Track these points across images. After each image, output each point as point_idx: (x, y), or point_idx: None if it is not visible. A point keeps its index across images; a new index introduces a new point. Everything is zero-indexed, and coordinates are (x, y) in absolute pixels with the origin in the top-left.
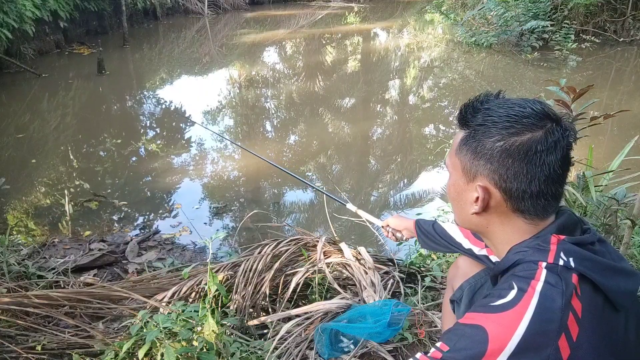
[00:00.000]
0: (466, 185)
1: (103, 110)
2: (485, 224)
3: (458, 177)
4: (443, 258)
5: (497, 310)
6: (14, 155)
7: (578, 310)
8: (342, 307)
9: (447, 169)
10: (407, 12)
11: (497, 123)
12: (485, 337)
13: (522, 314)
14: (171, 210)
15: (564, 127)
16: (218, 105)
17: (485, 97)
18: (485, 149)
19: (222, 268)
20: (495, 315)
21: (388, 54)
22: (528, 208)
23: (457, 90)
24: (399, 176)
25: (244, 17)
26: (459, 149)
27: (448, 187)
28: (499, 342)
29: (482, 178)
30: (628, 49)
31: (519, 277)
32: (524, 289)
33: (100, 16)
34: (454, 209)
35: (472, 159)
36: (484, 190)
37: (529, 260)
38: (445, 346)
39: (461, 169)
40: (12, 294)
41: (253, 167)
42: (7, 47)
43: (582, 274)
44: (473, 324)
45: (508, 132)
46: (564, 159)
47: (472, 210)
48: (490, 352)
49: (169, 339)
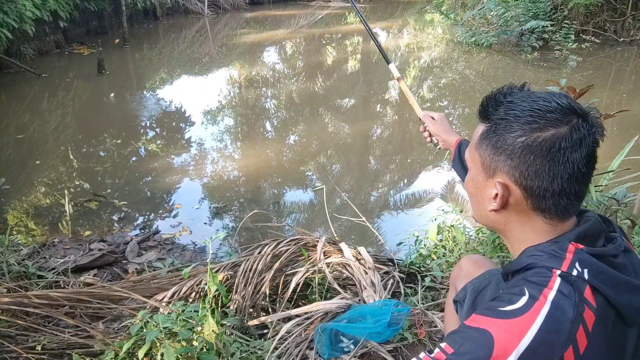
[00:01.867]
0: (485, 181)
1: (103, 110)
2: (503, 221)
3: (477, 172)
4: (443, 258)
5: (506, 316)
6: (14, 156)
7: (589, 324)
8: (342, 307)
9: (467, 164)
10: (407, 12)
11: (519, 117)
12: (491, 343)
13: (530, 322)
14: (171, 210)
15: (591, 123)
16: (218, 105)
17: (509, 89)
18: (506, 144)
19: (222, 268)
20: (503, 322)
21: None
22: (549, 207)
23: (457, 90)
24: (399, 176)
25: (244, 17)
26: (479, 143)
27: (466, 181)
28: (504, 349)
29: (501, 174)
30: (628, 49)
31: (531, 283)
32: (536, 296)
33: (100, 16)
34: (472, 204)
35: (492, 154)
36: (504, 187)
37: (543, 266)
38: (449, 348)
39: (481, 164)
40: (12, 294)
41: (253, 167)
42: (7, 47)
43: (595, 287)
44: (479, 328)
45: (531, 128)
46: (589, 156)
47: (491, 207)
48: (495, 358)
49: (169, 339)
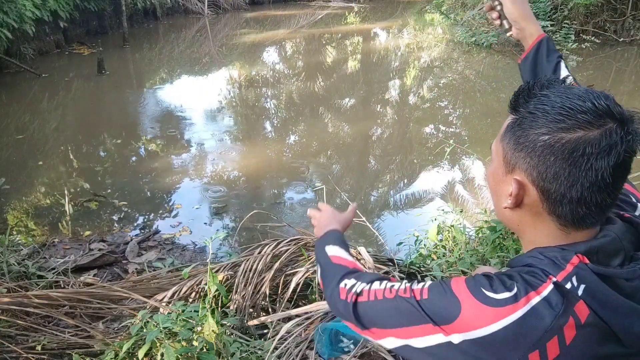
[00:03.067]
0: (504, 176)
1: (103, 110)
2: (516, 220)
3: (498, 166)
4: (443, 258)
5: (483, 300)
6: (14, 156)
7: (568, 338)
8: None
9: (491, 155)
10: (407, 12)
11: (547, 114)
12: (456, 313)
13: (500, 317)
14: (171, 210)
15: (628, 130)
16: (218, 105)
17: (548, 81)
18: (528, 141)
19: (222, 268)
20: (477, 303)
21: (388, 54)
22: (565, 214)
23: (457, 90)
24: (399, 176)
25: (244, 17)
26: (504, 135)
27: (487, 174)
28: (463, 326)
29: (520, 172)
30: (628, 49)
31: (523, 281)
32: (518, 297)
33: (100, 16)
34: (492, 198)
35: (513, 149)
36: (520, 185)
37: (540, 269)
38: (426, 294)
39: (502, 157)
40: (12, 294)
41: (253, 167)
42: (7, 47)
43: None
44: (456, 295)
45: (557, 127)
46: (618, 166)
47: (504, 204)
48: (452, 327)
49: (169, 339)
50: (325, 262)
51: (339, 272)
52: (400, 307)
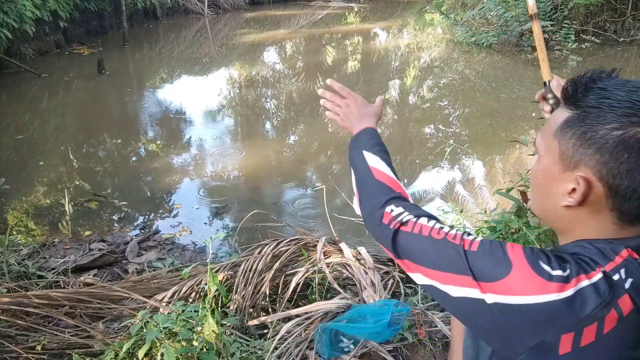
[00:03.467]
0: (561, 173)
1: (103, 110)
2: (568, 218)
3: (552, 163)
4: None
5: (537, 270)
6: (14, 156)
7: (606, 327)
8: (342, 307)
9: (537, 151)
10: (407, 12)
11: (615, 108)
12: (503, 275)
13: (548, 291)
14: (171, 210)
15: None
16: (218, 105)
17: (598, 74)
18: (597, 137)
19: (222, 268)
20: (530, 272)
21: (388, 54)
22: (630, 209)
23: (457, 90)
24: (399, 176)
25: (244, 17)
26: (560, 131)
27: (535, 171)
28: (507, 288)
29: (585, 169)
30: (628, 49)
31: (576, 264)
32: (570, 278)
33: (100, 16)
34: (535, 196)
35: (577, 145)
36: (586, 182)
37: (589, 257)
38: (476, 247)
39: (559, 155)
40: (12, 294)
41: (253, 167)
42: (7, 47)
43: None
44: (509, 256)
45: (629, 121)
46: None
47: (564, 202)
48: (491, 287)
49: (169, 339)
50: (365, 173)
51: (384, 194)
52: (444, 250)
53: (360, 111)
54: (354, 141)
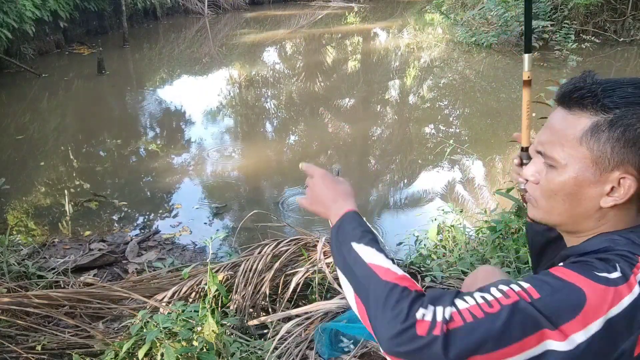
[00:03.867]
0: (597, 177)
1: (103, 110)
2: (599, 217)
3: (583, 169)
4: (443, 258)
5: (602, 281)
6: (14, 156)
7: None
8: (342, 307)
9: (555, 162)
10: (407, 12)
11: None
12: (583, 302)
13: (623, 295)
14: (171, 210)
15: None
16: (218, 105)
17: (593, 77)
18: (630, 133)
19: (222, 268)
20: (598, 286)
21: (388, 54)
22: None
23: (457, 90)
24: (399, 176)
25: (244, 17)
26: (590, 136)
27: (561, 182)
28: (595, 312)
29: (628, 167)
30: (628, 49)
31: (622, 261)
32: (628, 274)
33: (100, 16)
34: (555, 205)
35: (617, 146)
36: (635, 180)
37: (625, 250)
38: (535, 292)
39: (592, 159)
40: (12, 294)
41: (253, 167)
42: (7, 47)
43: None
44: (573, 284)
45: None
46: None
47: (607, 203)
48: (580, 319)
49: (169, 339)
50: (366, 275)
51: (401, 297)
52: (509, 319)
53: (332, 190)
54: (337, 234)
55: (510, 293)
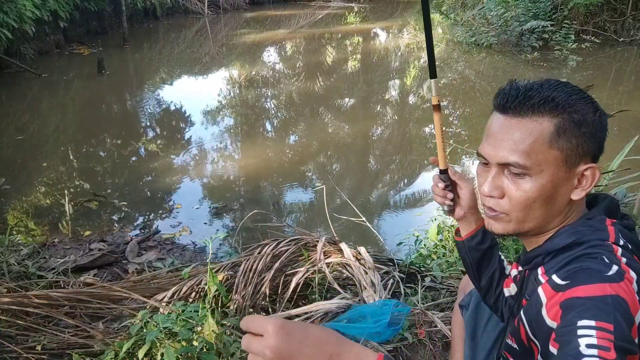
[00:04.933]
0: (567, 173)
1: (103, 110)
2: (567, 210)
3: (557, 170)
4: (443, 258)
5: (614, 280)
6: (14, 156)
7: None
8: (342, 307)
9: (529, 170)
10: (407, 12)
11: (580, 100)
12: (627, 303)
13: (631, 282)
14: (171, 210)
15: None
16: (218, 105)
17: (524, 84)
18: (589, 126)
19: (222, 268)
20: (618, 285)
21: (388, 54)
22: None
23: (457, 90)
24: (399, 176)
25: (244, 17)
26: (557, 138)
27: (538, 189)
28: (635, 305)
29: (588, 158)
30: (628, 49)
31: (606, 252)
32: (619, 263)
33: (100, 16)
34: (531, 212)
35: (580, 141)
36: (594, 167)
37: (595, 239)
38: (609, 325)
39: (563, 159)
40: (12, 294)
41: (253, 167)
42: (7, 47)
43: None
44: (608, 294)
45: (594, 105)
46: None
47: (578, 195)
48: (633, 314)
49: (169, 339)
50: None
51: None
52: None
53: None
54: None
55: (603, 354)
